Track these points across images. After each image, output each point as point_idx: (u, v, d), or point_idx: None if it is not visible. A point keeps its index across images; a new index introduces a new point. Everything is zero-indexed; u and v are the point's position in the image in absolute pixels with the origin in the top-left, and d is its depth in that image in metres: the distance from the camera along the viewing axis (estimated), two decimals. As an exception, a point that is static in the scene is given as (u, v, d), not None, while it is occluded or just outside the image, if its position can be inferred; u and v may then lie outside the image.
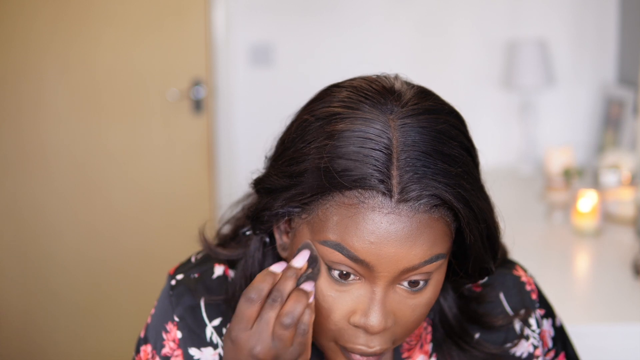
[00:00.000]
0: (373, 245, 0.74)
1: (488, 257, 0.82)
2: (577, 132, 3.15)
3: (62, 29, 2.97)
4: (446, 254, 0.78)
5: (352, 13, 3.14)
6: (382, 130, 0.74)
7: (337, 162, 0.74)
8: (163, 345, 0.89)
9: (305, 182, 0.76)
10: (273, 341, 0.74)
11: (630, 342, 1.64)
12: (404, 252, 0.74)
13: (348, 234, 0.74)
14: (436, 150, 0.74)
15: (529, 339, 0.94)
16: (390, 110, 0.76)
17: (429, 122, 0.76)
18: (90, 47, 2.99)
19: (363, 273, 0.76)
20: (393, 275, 0.75)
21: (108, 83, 3.02)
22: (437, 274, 0.79)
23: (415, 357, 0.90)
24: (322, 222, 0.76)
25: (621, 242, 2.12)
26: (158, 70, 3.03)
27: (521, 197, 2.69)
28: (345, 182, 0.73)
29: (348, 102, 0.77)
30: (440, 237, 0.76)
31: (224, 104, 3.15)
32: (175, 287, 0.90)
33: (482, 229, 0.78)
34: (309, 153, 0.76)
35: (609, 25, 3.09)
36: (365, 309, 0.76)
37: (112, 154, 3.05)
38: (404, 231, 0.74)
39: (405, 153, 0.73)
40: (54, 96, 3.01)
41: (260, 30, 3.16)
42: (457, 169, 0.75)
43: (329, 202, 0.75)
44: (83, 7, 2.97)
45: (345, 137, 0.74)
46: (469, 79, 3.14)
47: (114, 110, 3.04)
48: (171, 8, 3.01)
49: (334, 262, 0.76)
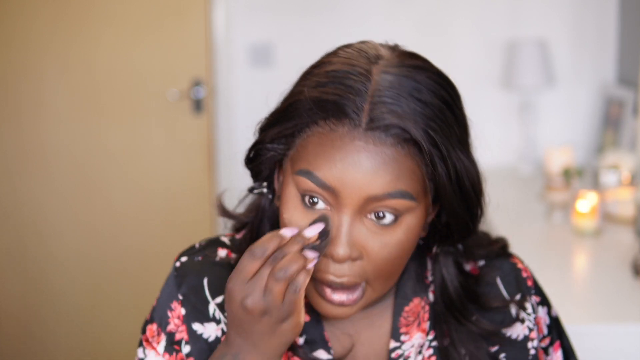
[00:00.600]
0: (339, 171, 0.78)
1: (461, 209, 0.84)
2: (577, 132, 3.15)
3: (62, 29, 2.97)
4: (415, 196, 0.80)
5: (352, 13, 3.14)
6: (363, 73, 0.80)
7: (316, 94, 0.80)
8: (168, 322, 0.92)
9: (289, 116, 0.82)
10: (264, 295, 0.76)
11: (629, 342, 1.64)
12: (368, 179, 0.78)
13: (317, 161, 0.79)
14: (411, 95, 0.79)
15: (524, 322, 0.95)
16: (376, 62, 0.82)
17: (409, 73, 0.81)
18: (90, 47, 3.00)
19: (331, 201, 0.80)
20: (358, 203, 0.79)
21: (108, 83, 3.02)
22: (408, 217, 0.81)
23: (413, 335, 0.92)
24: (299, 153, 0.82)
25: (621, 242, 2.12)
26: (158, 70, 3.03)
27: (521, 197, 2.69)
28: (321, 111, 0.79)
29: (342, 54, 0.85)
30: (406, 173, 0.79)
31: (224, 104, 3.15)
32: (179, 269, 0.94)
33: (450, 172, 0.80)
34: (295, 90, 0.84)
35: (609, 25, 3.09)
36: (331, 238, 0.80)
37: (112, 154, 3.05)
38: (369, 159, 0.78)
39: (380, 92, 0.79)
40: (54, 96, 3.01)
41: (260, 31, 3.16)
42: (428, 111, 0.79)
43: (307, 134, 0.81)
44: (83, 7, 2.97)
45: (328, 75, 0.81)
46: (469, 79, 3.14)
47: (114, 110, 3.04)
48: (171, 8, 3.01)
49: (305, 189, 0.80)
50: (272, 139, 0.84)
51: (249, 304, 0.76)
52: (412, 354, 0.92)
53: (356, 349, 0.93)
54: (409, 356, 0.92)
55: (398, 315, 0.93)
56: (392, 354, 0.92)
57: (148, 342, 0.93)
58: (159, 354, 0.92)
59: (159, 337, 0.92)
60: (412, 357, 0.92)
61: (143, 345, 0.94)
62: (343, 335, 0.93)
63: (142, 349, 0.94)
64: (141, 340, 0.94)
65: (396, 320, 0.92)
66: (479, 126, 0.87)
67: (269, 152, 0.85)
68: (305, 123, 0.81)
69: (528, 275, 0.99)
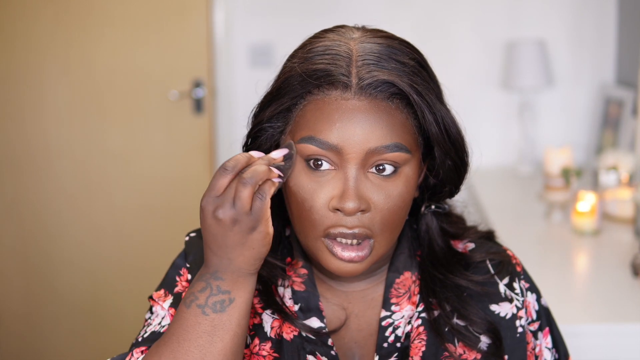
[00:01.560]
0: (339, 130, 0.85)
1: (451, 152, 0.91)
2: (576, 133, 3.15)
3: (63, 29, 2.98)
4: (409, 148, 0.88)
5: (351, 14, 3.14)
6: (344, 44, 0.89)
7: (305, 67, 0.88)
8: (176, 285, 0.98)
9: (283, 92, 0.90)
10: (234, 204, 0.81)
11: (628, 342, 1.64)
12: (366, 132, 0.85)
13: (317, 126, 0.86)
14: (390, 57, 0.88)
15: (512, 301, 1.00)
16: (353, 38, 0.90)
17: (383, 41, 0.90)
18: (91, 48, 3.00)
19: (335, 160, 0.87)
20: (360, 155, 0.86)
21: (109, 84, 3.02)
22: (406, 167, 0.89)
23: (403, 307, 0.98)
24: (298, 124, 0.89)
25: (620, 242, 2.13)
26: (159, 70, 3.04)
27: (520, 197, 2.70)
28: (313, 80, 0.87)
29: (321, 35, 0.93)
30: (398, 126, 0.87)
31: (224, 104, 3.16)
32: (188, 242, 1.01)
33: (438, 119, 0.88)
34: (285, 69, 0.92)
35: (608, 26, 3.10)
36: (340, 193, 0.86)
37: (113, 153, 3.05)
38: (364, 114, 0.85)
39: (362, 56, 0.87)
40: (56, 97, 3.02)
41: (261, 31, 3.17)
42: (408, 69, 0.87)
43: (302, 104, 0.88)
44: (84, 8, 2.98)
45: (314, 51, 0.89)
46: (469, 80, 3.14)
47: (115, 110, 3.04)
48: (172, 9, 3.02)
49: (309, 155, 0.87)
50: (270, 118, 0.91)
51: (220, 214, 0.81)
52: (401, 324, 0.97)
53: (349, 319, 0.98)
54: (399, 326, 0.97)
55: (389, 287, 0.98)
56: (382, 322, 0.97)
57: (155, 301, 0.98)
58: (164, 308, 0.96)
59: (165, 297, 0.97)
60: (402, 327, 0.97)
61: (151, 305, 0.98)
62: (338, 308, 0.98)
63: (148, 312, 0.98)
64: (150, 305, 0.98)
65: (387, 291, 0.98)
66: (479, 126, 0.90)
67: (268, 131, 0.91)
68: (300, 95, 0.88)
69: (517, 262, 1.04)
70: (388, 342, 0.96)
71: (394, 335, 0.96)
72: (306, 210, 0.87)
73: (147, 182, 3.09)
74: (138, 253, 3.10)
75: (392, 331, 0.96)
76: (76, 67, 3.00)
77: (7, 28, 2.96)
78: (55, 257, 3.08)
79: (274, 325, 0.96)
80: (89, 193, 3.07)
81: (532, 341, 1.01)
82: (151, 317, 0.97)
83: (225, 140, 3.17)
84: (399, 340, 0.96)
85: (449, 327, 0.96)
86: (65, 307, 3.10)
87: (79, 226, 3.08)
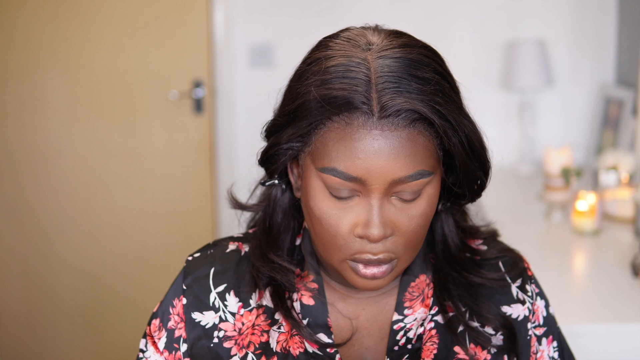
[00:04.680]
0: (361, 161, 0.83)
1: (475, 168, 0.90)
2: (576, 133, 3.16)
3: (63, 30, 2.97)
4: (432, 171, 0.86)
5: (351, 14, 3.14)
6: (361, 63, 0.84)
7: (324, 92, 0.83)
8: (169, 318, 0.98)
9: (300, 116, 0.86)
10: None
11: (628, 342, 1.64)
12: (390, 164, 0.83)
13: (340, 157, 0.84)
14: (410, 74, 0.83)
15: (525, 303, 1.00)
16: (369, 49, 0.86)
17: (402, 53, 0.85)
18: (91, 48, 3.00)
19: (359, 189, 0.85)
20: (384, 186, 0.84)
21: (109, 84, 3.02)
22: (428, 188, 0.87)
23: (416, 309, 0.97)
24: (319, 150, 0.86)
25: (620, 242, 2.13)
26: (159, 70, 3.04)
27: (520, 197, 2.70)
28: (333, 108, 0.83)
29: (333, 46, 0.88)
30: (422, 151, 0.84)
31: (224, 104, 3.16)
32: (190, 262, 1.00)
33: (462, 138, 0.86)
34: (301, 90, 0.87)
35: (607, 26, 3.10)
36: (365, 220, 0.85)
37: (113, 153, 3.05)
38: (387, 145, 0.82)
39: (382, 78, 0.82)
40: (55, 97, 3.01)
41: (260, 31, 3.17)
42: (430, 87, 0.83)
43: (323, 130, 0.85)
44: (84, 8, 2.98)
45: (330, 71, 0.84)
46: (469, 80, 3.12)
47: (115, 110, 3.04)
48: (172, 9, 3.02)
49: (332, 185, 0.85)
50: (288, 140, 0.88)
51: None
52: (413, 327, 0.96)
53: (360, 324, 0.97)
54: (411, 328, 0.96)
55: (404, 290, 0.97)
56: (394, 326, 0.96)
57: (151, 337, 0.98)
58: (159, 350, 0.97)
59: (160, 333, 0.97)
60: (414, 330, 0.96)
61: (147, 338, 0.99)
62: (345, 321, 0.97)
63: (144, 341, 0.99)
64: (145, 332, 0.99)
65: (401, 295, 0.97)
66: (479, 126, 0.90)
67: (287, 152, 0.89)
68: (319, 120, 0.85)
69: (528, 266, 1.05)
70: (399, 344, 0.96)
71: (405, 338, 0.96)
72: (331, 235, 0.87)
73: (146, 182, 3.09)
74: (138, 252, 3.10)
75: (404, 334, 0.96)
76: (76, 66, 3.00)
77: (7, 28, 2.96)
78: (55, 256, 3.08)
79: (280, 339, 0.95)
80: (88, 193, 3.07)
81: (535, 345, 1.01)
82: (144, 355, 0.98)
83: (225, 140, 3.17)
84: (410, 342, 0.96)
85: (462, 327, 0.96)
86: (65, 308, 3.10)
87: (79, 225, 3.08)
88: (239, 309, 0.96)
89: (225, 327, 0.95)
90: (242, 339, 0.95)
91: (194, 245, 1.10)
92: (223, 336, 0.95)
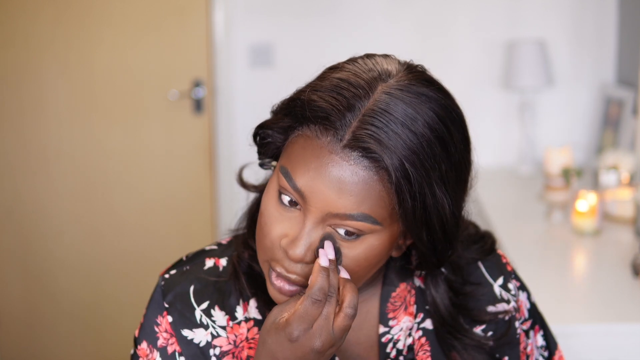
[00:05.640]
0: (310, 179, 0.80)
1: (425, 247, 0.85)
2: (576, 133, 3.15)
3: (63, 30, 2.97)
4: (380, 221, 0.80)
5: (352, 14, 3.14)
6: (366, 88, 0.80)
7: (312, 98, 0.81)
8: (157, 337, 0.93)
9: (287, 111, 0.84)
10: (333, 332, 0.80)
11: (628, 342, 1.64)
12: (334, 195, 0.79)
13: (296, 164, 0.81)
14: (404, 123, 0.78)
15: (509, 302, 1.00)
16: (385, 80, 0.81)
17: (413, 101, 0.80)
18: (91, 47, 3.00)
19: (302, 204, 0.81)
20: (321, 214, 0.80)
21: (109, 83, 3.02)
22: (371, 237, 0.82)
23: (401, 319, 0.96)
24: (287, 148, 0.84)
25: (620, 242, 2.13)
26: (159, 70, 3.04)
27: (521, 197, 2.70)
28: (311, 116, 0.80)
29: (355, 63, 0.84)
30: (373, 198, 0.79)
31: (224, 104, 3.16)
32: (167, 280, 0.96)
33: (419, 206, 0.80)
34: (303, 87, 0.85)
35: (608, 25, 3.10)
36: (293, 236, 0.82)
37: (112, 153, 3.05)
38: (340, 176, 0.78)
39: (374, 112, 0.78)
40: (55, 96, 3.01)
41: (260, 31, 3.17)
42: (414, 144, 0.78)
43: (297, 132, 0.83)
44: (84, 8, 2.98)
45: (332, 79, 0.82)
46: (469, 80, 3.14)
47: (114, 110, 3.04)
48: (172, 9, 3.02)
49: (281, 186, 0.82)
50: (272, 127, 0.86)
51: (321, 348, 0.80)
52: (401, 337, 0.95)
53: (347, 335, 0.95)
54: (399, 339, 0.95)
55: (385, 301, 0.96)
56: (382, 339, 0.95)
57: None
58: None
59: (152, 355, 0.93)
60: (402, 340, 0.95)
61: None
62: None
63: None
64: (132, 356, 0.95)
65: (383, 306, 0.95)
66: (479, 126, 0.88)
67: (269, 138, 0.87)
68: (298, 122, 0.83)
69: (507, 261, 1.04)
70: (390, 357, 0.95)
71: (395, 350, 0.95)
72: (263, 234, 0.84)
73: (146, 181, 3.09)
74: (138, 252, 3.10)
75: (393, 346, 0.95)
76: (76, 66, 3.00)
77: (7, 28, 2.96)
78: (55, 256, 3.08)
79: None
80: (88, 192, 3.07)
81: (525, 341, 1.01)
82: None
83: (225, 140, 3.17)
84: (401, 353, 0.95)
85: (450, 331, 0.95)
86: (65, 309, 3.10)
87: (78, 225, 3.08)
88: (227, 321, 0.94)
89: (219, 342, 0.93)
90: (239, 352, 0.93)
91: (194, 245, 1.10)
92: (220, 353, 0.93)
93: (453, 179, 0.83)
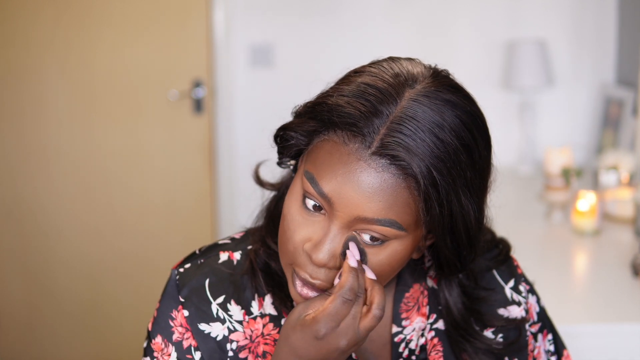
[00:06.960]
0: (337, 184, 0.80)
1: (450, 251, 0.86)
2: (576, 133, 3.16)
3: (62, 29, 2.97)
4: (404, 227, 0.81)
5: (352, 14, 3.14)
6: (393, 94, 0.80)
7: (339, 101, 0.81)
8: (172, 332, 0.94)
9: (313, 114, 0.83)
10: (359, 332, 0.81)
11: (628, 342, 1.64)
12: (361, 200, 0.79)
13: (323, 169, 0.81)
14: (431, 131, 0.79)
15: (520, 304, 1.01)
16: (412, 86, 0.81)
17: (439, 108, 0.80)
18: (91, 47, 3.00)
19: (327, 209, 0.82)
20: (348, 219, 0.81)
21: (109, 83, 3.02)
22: (395, 242, 0.82)
23: (414, 319, 0.97)
24: (312, 153, 0.84)
25: (620, 242, 2.13)
26: (158, 70, 3.04)
27: (521, 197, 2.70)
28: (338, 121, 0.80)
29: (381, 67, 0.84)
30: (399, 205, 0.80)
31: (224, 104, 3.16)
32: (182, 274, 0.96)
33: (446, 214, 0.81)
34: (328, 91, 0.85)
35: (608, 25, 3.10)
36: (317, 240, 0.82)
37: (112, 153, 3.05)
38: (367, 181, 0.79)
39: (401, 120, 0.78)
40: (55, 96, 3.01)
41: (261, 31, 3.17)
42: (442, 152, 0.79)
43: (323, 137, 0.83)
44: (84, 8, 2.98)
45: (359, 85, 0.81)
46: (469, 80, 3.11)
47: (114, 110, 3.04)
48: (172, 9, 3.02)
49: (306, 191, 0.82)
50: (296, 129, 0.85)
51: (347, 346, 0.81)
52: (414, 337, 0.96)
53: None
54: (411, 339, 0.96)
55: (399, 302, 0.97)
56: (394, 339, 0.96)
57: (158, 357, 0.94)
58: None
59: (167, 349, 0.93)
60: (415, 340, 0.96)
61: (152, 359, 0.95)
62: None
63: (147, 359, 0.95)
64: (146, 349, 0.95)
65: (397, 307, 0.96)
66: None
67: (292, 140, 0.86)
68: (324, 127, 0.82)
69: (517, 264, 1.05)
70: (403, 357, 0.96)
71: (407, 350, 0.96)
72: (286, 238, 0.85)
73: (146, 181, 3.08)
74: (138, 252, 3.10)
75: (405, 346, 0.96)
76: (75, 66, 3.00)
77: (7, 28, 2.96)
78: (55, 256, 3.08)
79: None
80: (88, 192, 3.07)
81: (532, 343, 1.02)
82: None
83: (225, 140, 3.17)
84: (414, 353, 0.96)
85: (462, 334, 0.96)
86: (65, 309, 3.09)
87: (78, 225, 3.07)
88: (243, 315, 0.94)
89: (236, 337, 0.93)
90: (255, 347, 0.94)
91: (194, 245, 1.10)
92: (237, 347, 0.93)
93: (477, 185, 0.84)
